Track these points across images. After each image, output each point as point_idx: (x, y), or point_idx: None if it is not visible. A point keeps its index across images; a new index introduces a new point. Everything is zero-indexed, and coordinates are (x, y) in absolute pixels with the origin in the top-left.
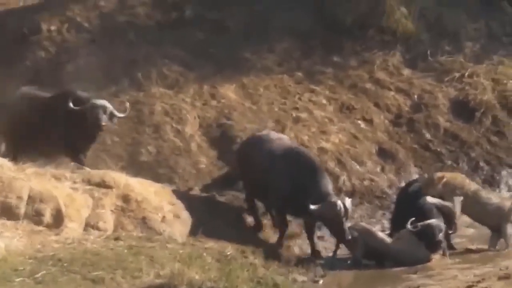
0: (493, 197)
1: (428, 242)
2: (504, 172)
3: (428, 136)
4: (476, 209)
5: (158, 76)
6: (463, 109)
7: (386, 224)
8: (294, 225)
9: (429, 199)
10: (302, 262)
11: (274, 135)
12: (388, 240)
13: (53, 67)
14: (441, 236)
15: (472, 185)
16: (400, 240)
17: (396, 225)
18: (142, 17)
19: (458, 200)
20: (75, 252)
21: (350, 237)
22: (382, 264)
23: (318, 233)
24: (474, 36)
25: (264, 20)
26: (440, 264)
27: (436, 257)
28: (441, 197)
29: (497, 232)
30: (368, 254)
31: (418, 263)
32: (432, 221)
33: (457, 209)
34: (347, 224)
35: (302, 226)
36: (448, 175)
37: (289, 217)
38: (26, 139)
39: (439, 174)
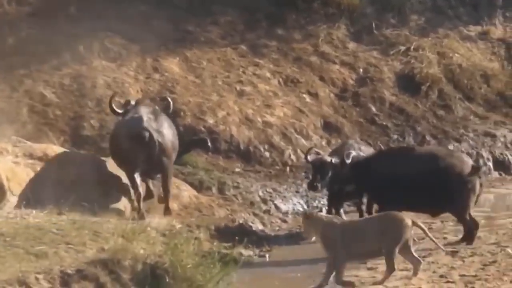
0: None
1: None
2: (450, 146)
3: (373, 110)
4: None
5: (101, 49)
6: (409, 83)
7: None
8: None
9: None
10: (248, 236)
11: None
12: None
13: None
14: None
15: None
16: None
17: None
18: None
19: None
20: (17, 227)
21: None
22: None
23: None
24: (419, 9)
25: None
26: None
27: None
28: None
29: None
30: None
31: None
32: None
33: None
34: None
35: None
36: None
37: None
38: None
39: None
